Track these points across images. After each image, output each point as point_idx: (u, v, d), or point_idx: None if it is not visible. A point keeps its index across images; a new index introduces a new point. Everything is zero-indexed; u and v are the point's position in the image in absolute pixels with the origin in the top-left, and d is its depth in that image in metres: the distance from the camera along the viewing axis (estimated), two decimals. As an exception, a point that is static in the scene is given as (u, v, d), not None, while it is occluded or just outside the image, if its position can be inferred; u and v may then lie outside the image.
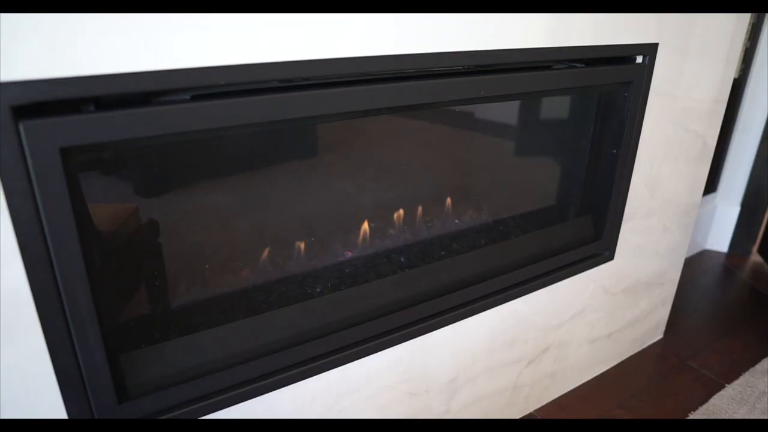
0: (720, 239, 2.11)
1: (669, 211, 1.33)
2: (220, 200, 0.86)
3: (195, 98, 0.62)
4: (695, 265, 2.03)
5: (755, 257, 2.08)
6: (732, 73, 1.28)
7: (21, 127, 0.52)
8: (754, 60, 1.86)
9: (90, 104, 0.57)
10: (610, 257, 1.22)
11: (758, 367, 1.46)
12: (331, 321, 0.86)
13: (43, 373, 0.61)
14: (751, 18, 1.73)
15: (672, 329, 1.61)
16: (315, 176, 0.96)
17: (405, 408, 1.01)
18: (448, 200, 1.15)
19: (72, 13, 0.51)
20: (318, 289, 0.92)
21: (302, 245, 0.96)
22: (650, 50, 1.05)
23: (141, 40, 0.55)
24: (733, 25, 1.20)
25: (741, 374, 1.43)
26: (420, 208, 1.11)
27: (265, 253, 0.92)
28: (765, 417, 1.28)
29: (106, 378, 0.65)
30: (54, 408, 0.63)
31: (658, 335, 1.57)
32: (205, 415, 0.75)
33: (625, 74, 1.04)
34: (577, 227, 1.18)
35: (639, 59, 1.05)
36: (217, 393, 0.75)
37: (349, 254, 1.00)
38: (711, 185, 2.02)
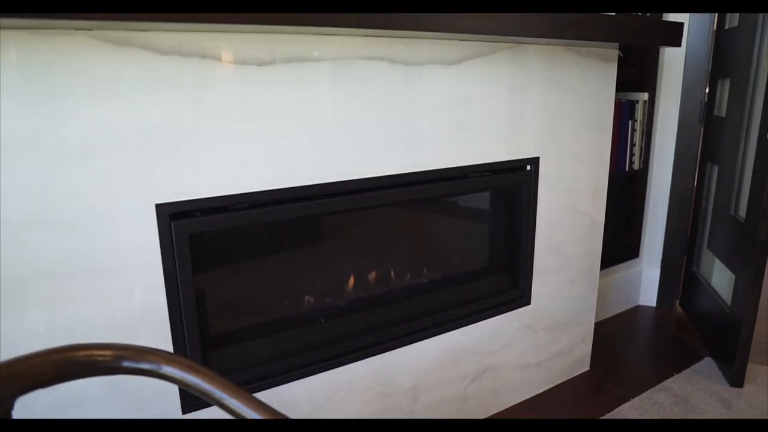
0: (649, 296, 2.60)
1: (573, 269, 1.85)
2: (267, 267, 1.40)
3: (250, 206, 1.18)
4: (630, 316, 2.51)
5: (678, 309, 2.56)
6: (606, 169, 1.84)
7: (172, 224, 1.08)
8: (652, 153, 2.44)
9: (198, 212, 1.12)
10: (527, 302, 1.73)
11: (658, 386, 1.91)
12: (328, 338, 1.37)
13: (169, 356, 1.13)
14: (642, 123, 2.32)
15: (599, 364, 2.07)
16: (320, 252, 1.50)
17: (380, 405, 1.49)
18: (413, 267, 1.67)
19: (195, 173, 1.08)
20: (322, 319, 1.43)
21: (312, 297, 1.48)
22: (534, 162, 1.61)
23: (221, 179, 1.12)
24: (601, 137, 1.78)
25: (643, 392, 1.88)
26: (390, 270, 1.64)
27: (290, 299, 1.44)
28: (652, 418, 1.72)
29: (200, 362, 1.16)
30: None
31: (585, 367, 2.03)
32: (254, 392, 1.24)
33: (518, 178, 1.60)
34: (500, 280, 1.70)
35: (528, 167, 1.62)
36: (257, 380, 1.25)
37: (347, 293, 1.52)
38: (635, 251, 2.53)
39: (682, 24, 1.66)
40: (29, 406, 1.02)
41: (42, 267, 0.99)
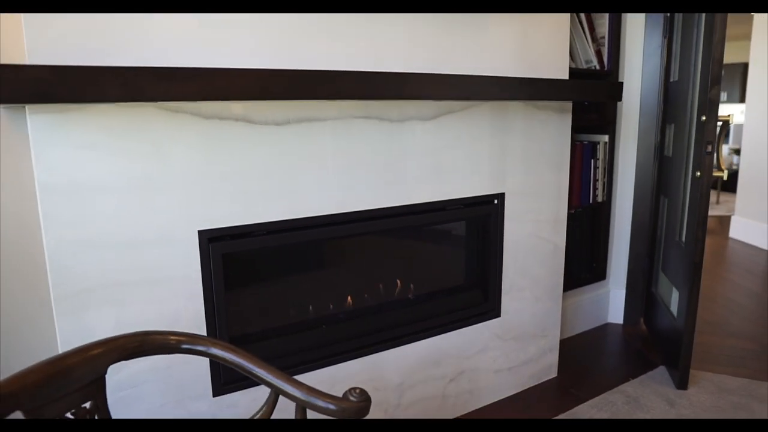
0: (617, 314, 2.91)
1: (538, 287, 2.17)
2: (280, 281, 1.72)
3: (268, 233, 1.51)
4: (598, 332, 2.82)
5: (642, 326, 2.86)
6: (565, 202, 2.18)
7: (210, 246, 1.41)
8: (614, 188, 2.77)
9: (229, 237, 1.46)
10: (497, 315, 2.05)
11: (614, 389, 2.21)
12: (328, 341, 1.68)
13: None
14: (603, 162, 2.66)
15: (566, 371, 2.37)
16: (323, 270, 1.83)
17: (372, 398, 1.79)
18: (398, 281, 1.99)
19: (227, 206, 1.42)
20: (323, 326, 1.75)
21: (315, 307, 1.80)
22: (500, 197, 1.95)
23: (247, 211, 1.45)
24: (559, 175, 2.12)
25: (601, 394, 2.18)
26: (381, 285, 1.96)
27: (304, 308, 1.76)
28: (605, 417, 2.02)
29: (229, 354, 1.47)
30: (203, 369, 1.46)
31: (553, 374, 2.33)
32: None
33: (486, 211, 1.94)
34: (474, 295, 2.02)
35: (495, 201, 1.96)
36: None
37: (346, 305, 1.84)
38: (602, 274, 2.85)
39: (621, 83, 2.02)
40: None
41: (113, 277, 1.32)
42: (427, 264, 2.04)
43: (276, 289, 1.73)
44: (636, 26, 2.65)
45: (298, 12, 1.45)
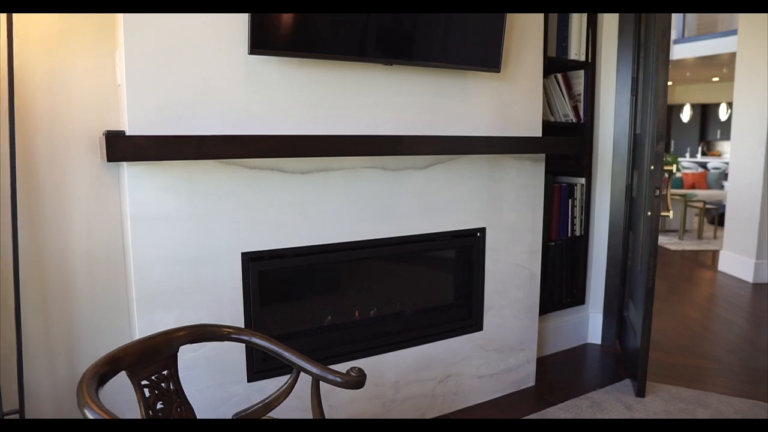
0: (595, 335, 3.28)
1: (516, 307, 2.57)
2: (304, 294, 2.16)
3: (294, 255, 1.96)
4: (577, 351, 3.19)
5: (617, 346, 3.23)
6: (539, 237, 2.59)
7: (250, 264, 1.86)
8: (591, 223, 3.18)
9: (265, 257, 1.91)
10: (480, 328, 2.45)
11: (582, 396, 2.58)
12: (339, 343, 2.11)
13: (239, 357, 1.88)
14: (580, 201, 3.07)
15: (543, 381, 2.75)
16: (336, 287, 2.27)
17: (373, 392, 2.20)
18: (398, 300, 2.42)
19: (264, 233, 1.88)
20: (335, 333, 2.18)
21: (330, 316, 2.23)
22: (482, 230, 2.38)
23: (279, 238, 1.91)
24: (534, 213, 2.54)
25: (569, 399, 2.55)
26: (383, 301, 2.38)
27: (322, 320, 2.20)
28: (569, 417, 2.39)
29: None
30: (240, 362, 1.89)
31: (531, 383, 2.71)
32: (289, 372, 1.97)
33: (469, 242, 2.37)
34: (460, 311, 2.43)
35: (478, 234, 2.39)
36: (294, 364, 1.99)
37: (355, 316, 2.27)
38: (582, 299, 3.23)
39: (581, 139, 2.45)
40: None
41: (177, 285, 1.77)
42: (421, 285, 2.47)
43: (299, 301, 2.17)
44: (608, 84, 3.10)
45: (316, 92, 1.93)
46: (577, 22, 2.91)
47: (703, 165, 11.46)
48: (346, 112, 2.00)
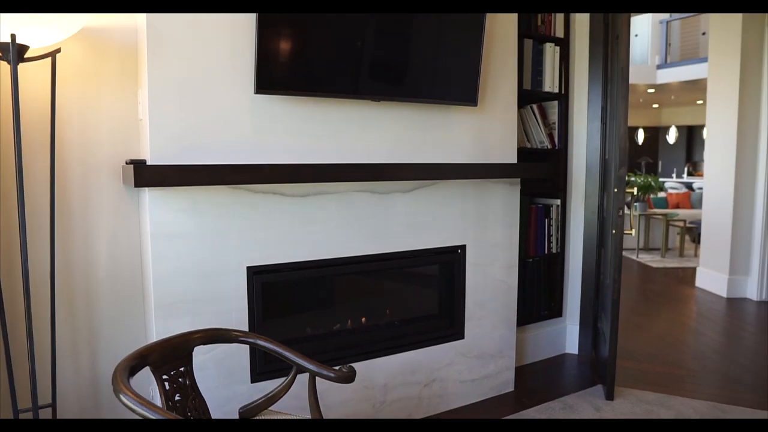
0: (572, 346, 3.52)
1: (494, 317, 2.81)
2: (302, 304, 2.40)
3: (292, 269, 2.21)
4: (555, 360, 3.42)
5: (593, 355, 3.46)
6: (516, 253, 2.85)
7: (254, 277, 2.11)
8: (567, 241, 3.44)
9: (267, 271, 2.15)
10: (461, 337, 2.69)
11: (556, 400, 2.81)
12: (333, 348, 2.35)
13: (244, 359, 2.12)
14: (556, 221, 3.34)
15: (522, 387, 2.98)
16: (331, 298, 2.51)
17: (363, 393, 2.43)
18: (387, 310, 2.66)
19: (267, 250, 2.13)
20: (330, 339, 2.41)
21: (325, 324, 2.47)
22: (462, 247, 2.64)
23: (279, 253, 2.16)
24: (511, 231, 2.80)
25: (544, 402, 2.78)
26: (373, 311, 2.62)
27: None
28: (542, 417, 2.62)
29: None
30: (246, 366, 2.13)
31: (510, 388, 2.94)
32: (288, 374, 2.21)
33: (451, 258, 2.62)
34: (443, 321, 2.68)
35: (459, 251, 2.64)
36: (293, 367, 2.23)
37: (348, 325, 2.50)
38: (559, 312, 3.48)
39: (552, 163, 2.72)
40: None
41: (191, 295, 2.01)
42: (407, 296, 2.71)
43: (297, 310, 2.41)
44: (581, 113, 3.38)
45: (315, 126, 2.20)
46: (550, 57, 3.20)
47: (689, 185, 11.80)
48: (340, 142, 2.27)
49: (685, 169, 13.79)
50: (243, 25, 2.02)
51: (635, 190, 2.98)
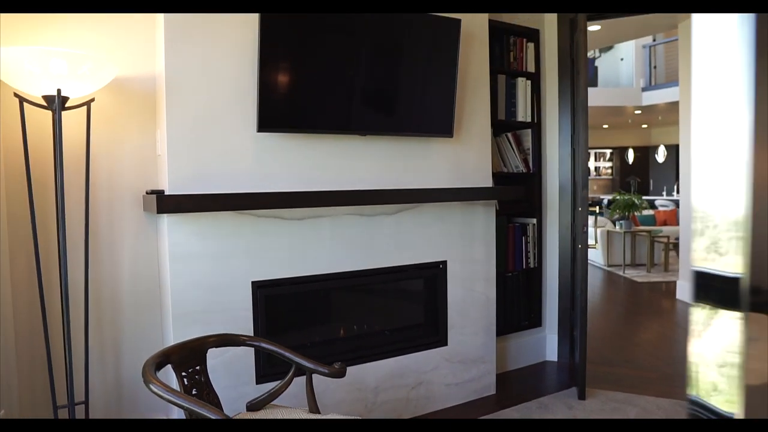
0: (552, 353, 3.80)
1: (475, 326, 3.11)
2: (300, 315, 2.70)
3: (291, 284, 2.52)
4: (536, 366, 3.70)
5: (571, 361, 3.74)
6: (493, 267, 3.15)
7: (258, 291, 2.42)
8: (544, 256, 3.75)
9: (269, 286, 2.46)
10: (445, 344, 2.98)
11: (533, 400, 3.09)
12: (329, 353, 2.64)
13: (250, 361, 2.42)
14: (533, 238, 3.65)
15: (503, 390, 3.26)
16: (326, 309, 2.81)
17: (355, 395, 2.71)
18: (377, 320, 2.95)
19: (269, 267, 2.44)
20: (325, 346, 2.71)
21: (321, 331, 2.77)
22: (444, 263, 2.95)
23: (280, 270, 2.47)
24: (488, 248, 3.11)
25: (522, 403, 3.06)
26: (365, 321, 2.91)
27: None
28: (518, 417, 2.90)
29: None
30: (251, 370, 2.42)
31: (492, 391, 3.22)
32: (289, 376, 2.50)
33: (434, 272, 2.93)
34: (428, 329, 2.97)
35: (441, 266, 2.95)
36: (293, 370, 2.52)
37: (341, 333, 2.80)
38: (538, 322, 3.77)
39: (522, 187, 3.05)
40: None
41: (204, 307, 2.32)
42: (395, 307, 3.01)
43: (297, 319, 2.71)
44: (553, 140, 3.72)
45: (310, 157, 2.53)
46: (522, 90, 3.55)
47: (678, 203, 12.13)
48: (332, 171, 2.60)
49: (675, 187, 14.13)
50: (247, 69, 2.36)
51: (597, 207, 3.25)
